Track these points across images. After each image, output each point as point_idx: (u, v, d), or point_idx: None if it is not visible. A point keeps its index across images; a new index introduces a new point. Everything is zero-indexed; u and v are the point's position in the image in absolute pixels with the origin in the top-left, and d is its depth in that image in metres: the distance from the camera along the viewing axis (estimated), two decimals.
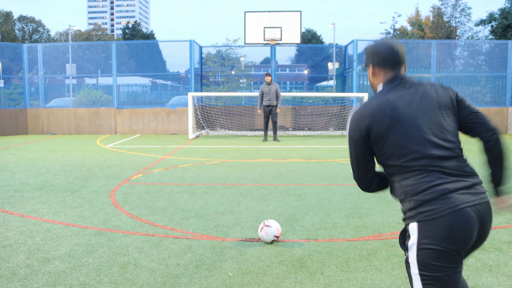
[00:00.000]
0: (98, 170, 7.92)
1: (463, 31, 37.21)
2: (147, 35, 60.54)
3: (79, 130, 15.74)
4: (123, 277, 3.27)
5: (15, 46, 16.46)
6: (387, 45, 2.05)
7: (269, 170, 7.85)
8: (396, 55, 2.02)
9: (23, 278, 3.25)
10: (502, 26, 30.49)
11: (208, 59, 18.39)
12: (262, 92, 12.49)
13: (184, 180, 6.94)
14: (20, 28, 61.13)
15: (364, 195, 5.86)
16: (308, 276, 3.29)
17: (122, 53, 16.35)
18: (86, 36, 64.26)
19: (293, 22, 15.79)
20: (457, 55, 17.49)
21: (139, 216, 4.87)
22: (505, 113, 15.57)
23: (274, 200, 5.58)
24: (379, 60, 2.04)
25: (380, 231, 4.31)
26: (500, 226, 4.48)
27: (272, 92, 12.40)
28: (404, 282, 3.17)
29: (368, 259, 3.60)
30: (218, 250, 3.82)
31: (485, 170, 2.00)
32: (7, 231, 4.38)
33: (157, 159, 9.26)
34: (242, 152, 10.43)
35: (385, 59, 2.02)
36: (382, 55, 2.03)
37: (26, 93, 16.02)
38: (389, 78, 2.02)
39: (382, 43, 2.07)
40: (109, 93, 16.33)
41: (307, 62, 18.16)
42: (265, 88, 12.51)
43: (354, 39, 15.49)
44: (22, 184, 6.67)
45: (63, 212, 5.05)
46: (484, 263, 3.50)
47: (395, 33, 38.32)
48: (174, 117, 15.51)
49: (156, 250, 3.81)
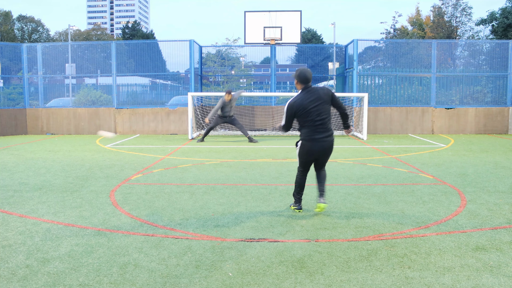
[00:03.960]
0: (98, 170, 7.91)
1: (464, 30, 37.20)
2: (146, 35, 60.55)
3: (79, 130, 15.73)
4: (123, 277, 3.26)
5: (15, 46, 16.45)
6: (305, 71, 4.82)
7: (269, 170, 7.84)
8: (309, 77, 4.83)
9: (22, 278, 3.24)
10: (503, 25, 30.48)
11: (208, 59, 18.38)
12: (222, 105, 12.52)
13: (184, 180, 6.93)
14: (19, 27, 61.12)
15: (364, 195, 5.85)
16: (308, 276, 3.28)
17: (122, 53, 16.33)
18: (85, 35, 64.23)
19: (293, 22, 15.78)
20: (458, 54, 17.48)
21: (139, 216, 4.86)
22: (506, 113, 15.56)
23: (274, 200, 5.57)
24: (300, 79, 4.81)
25: (380, 231, 4.30)
26: (501, 226, 4.47)
27: (231, 105, 12.66)
28: (405, 282, 3.16)
29: (368, 260, 3.59)
30: (218, 250, 3.81)
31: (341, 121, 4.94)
32: (6, 231, 4.37)
33: (157, 159, 9.25)
34: (242, 152, 10.42)
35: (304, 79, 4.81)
36: (301, 77, 4.80)
37: (26, 93, 16.01)
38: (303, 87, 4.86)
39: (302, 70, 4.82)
40: (109, 93, 16.32)
41: (307, 62, 18.14)
42: (226, 103, 12.56)
43: (354, 39, 15.47)
44: (22, 184, 6.66)
45: (63, 212, 5.04)
46: (485, 264, 3.49)
47: (396, 32, 38.31)
48: (174, 117, 15.50)
49: (156, 251, 3.80)
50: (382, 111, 15.46)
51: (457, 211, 5.04)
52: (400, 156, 9.57)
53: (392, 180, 6.85)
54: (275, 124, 15.53)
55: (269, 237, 4.14)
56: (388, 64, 16.56)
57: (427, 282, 3.17)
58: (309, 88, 4.76)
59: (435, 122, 15.48)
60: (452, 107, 15.52)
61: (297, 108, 4.70)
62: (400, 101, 15.77)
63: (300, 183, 5.06)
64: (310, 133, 4.74)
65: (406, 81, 15.88)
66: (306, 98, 4.70)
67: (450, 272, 3.33)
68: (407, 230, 4.36)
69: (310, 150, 4.80)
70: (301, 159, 4.97)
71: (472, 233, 4.26)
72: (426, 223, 4.57)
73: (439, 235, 4.20)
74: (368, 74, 16.08)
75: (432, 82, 15.62)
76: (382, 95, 15.94)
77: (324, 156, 4.89)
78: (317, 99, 4.69)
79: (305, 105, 4.67)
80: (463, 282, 3.16)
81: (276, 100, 16.30)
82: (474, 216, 4.82)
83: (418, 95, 15.85)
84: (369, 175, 7.30)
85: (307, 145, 4.79)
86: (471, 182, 6.74)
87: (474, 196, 5.77)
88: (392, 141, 12.85)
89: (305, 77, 4.73)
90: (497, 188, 6.30)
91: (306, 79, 4.74)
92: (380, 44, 17.85)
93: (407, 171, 7.65)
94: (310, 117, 4.68)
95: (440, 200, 5.58)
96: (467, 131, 15.54)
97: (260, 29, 15.67)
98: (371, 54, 17.57)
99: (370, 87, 15.88)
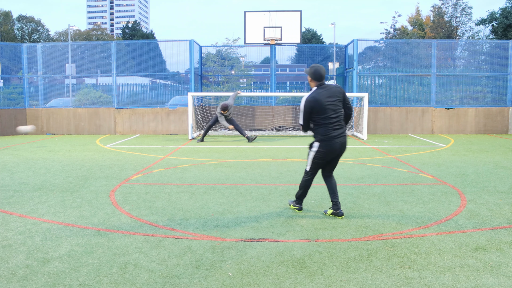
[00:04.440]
0: (98, 170, 7.91)
1: (464, 30, 37.21)
2: (146, 35, 60.56)
3: (79, 130, 15.73)
4: (123, 277, 3.26)
5: (15, 45, 16.44)
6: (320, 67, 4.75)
7: (269, 170, 7.84)
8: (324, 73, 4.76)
9: (22, 278, 3.24)
10: (503, 25, 30.48)
11: (208, 59, 18.37)
12: (223, 119, 12.72)
13: (184, 180, 6.93)
14: (19, 27, 61.12)
15: (364, 195, 5.85)
16: (308, 276, 3.28)
17: (122, 53, 16.33)
18: (85, 35, 64.24)
19: (293, 22, 15.77)
20: (458, 54, 17.47)
21: (139, 216, 4.86)
22: (506, 113, 15.56)
23: (274, 200, 5.57)
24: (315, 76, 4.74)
25: (380, 231, 4.30)
26: (501, 226, 4.47)
27: (231, 112, 12.94)
28: (405, 282, 3.16)
29: (368, 260, 3.58)
30: (218, 250, 3.81)
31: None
32: (6, 231, 4.37)
33: (157, 159, 9.25)
34: (242, 152, 10.42)
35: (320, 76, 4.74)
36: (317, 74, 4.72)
37: (26, 93, 16.01)
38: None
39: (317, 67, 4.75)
40: (109, 93, 16.31)
41: (307, 62, 18.14)
42: (226, 114, 12.76)
43: (354, 39, 15.47)
44: (22, 184, 6.66)
45: (63, 212, 5.04)
46: (485, 264, 3.49)
47: (395, 32, 38.30)
48: (174, 117, 15.50)
49: (156, 251, 3.80)
50: (382, 111, 15.45)
51: (457, 211, 5.04)
52: (400, 156, 9.57)
53: (392, 180, 6.85)
54: (275, 124, 15.53)
55: (269, 237, 4.13)
56: (388, 64, 16.56)
57: (427, 282, 3.17)
58: (324, 85, 4.70)
59: (435, 122, 15.48)
60: (452, 107, 15.52)
61: (315, 104, 4.59)
62: (400, 101, 15.77)
63: (307, 186, 4.95)
64: (327, 131, 4.62)
65: (406, 81, 15.88)
66: (322, 94, 4.63)
67: (450, 272, 3.33)
68: (407, 230, 4.35)
69: (330, 149, 4.65)
70: (315, 162, 4.78)
71: (472, 233, 4.26)
72: (426, 223, 4.57)
73: (439, 235, 4.20)
74: (368, 74, 16.08)
75: (432, 82, 15.62)
76: (382, 95, 15.93)
77: (340, 154, 4.77)
78: (332, 95, 4.65)
79: (322, 101, 4.59)
80: (463, 282, 3.16)
81: (276, 100, 16.29)
82: (474, 216, 4.82)
83: (418, 95, 15.85)
84: (369, 175, 7.30)
85: (326, 145, 4.64)
86: (471, 182, 6.74)
87: (474, 196, 5.77)
88: (392, 141, 12.85)
89: (320, 74, 4.68)
90: (497, 188, 6.30)
91: (321, 76, 4.68)
92: (380, 44, 17.85)
93: (407, 171, 7.65)
94: (326, 113, 4.60)
95: (440, 200, 5.58)
96: (467, 131, 15.54)
97: (260, 29, 15.67)
98: (371, 54, 17.57)
99: (370, 87, 15.87)
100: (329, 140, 4.63)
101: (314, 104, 4.60)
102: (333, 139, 4.63)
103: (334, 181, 4.90)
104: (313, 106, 4.60)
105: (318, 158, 4.74)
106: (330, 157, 4.74)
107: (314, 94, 4.64)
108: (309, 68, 4.78)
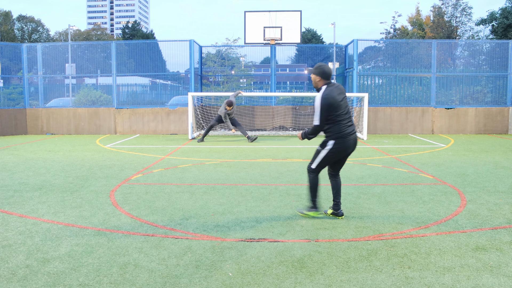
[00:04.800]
0: (98, 170, 7.91)
1: (464, 30, 37.21)
2: (146, 35, 60.55)
3: (79, 130, 15.73)
4: (123, 277, 3.26)
5: (14, 45, 16.44)
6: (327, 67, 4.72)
7: (269, 170, 7.84)
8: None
9: (22, 278, 3.24)
10: (503, 25, 30.48)
11: (208, 59, 18.37)
12: (226, 116, 12.82)
13: (184, 180, 6.93)
14: (19, 27, 61.12)
15: (364, 195, 5.85)
16: (308, 276, 3.28)
17: (122, 53, 16.33)
18: (85, 35, 64.23)
19: (293, 22, 15.77)
20: (458, 54, 17.47)
21: (139, 216, 4.86)
22: (506, 113, 15.56)
23: (274, 200, 5.57)
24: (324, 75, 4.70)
25: (380, 231, 4.30)
26: (501, 226, 4.47)
27: (234, 108, 13.05)
28: (405, 282, 3.16)
29: (368, 260, 3.59)
30: (218, 250, 3.81)
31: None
32: (6, 231, 4.37)
33: (157, 159, 9.25)
34: (242, 152, 10.42)
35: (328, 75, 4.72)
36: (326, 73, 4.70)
37: (26, 93, 16.01)
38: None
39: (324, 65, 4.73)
40: (109, 93, 16.31)
41: (307, 62, 18.14)
42: (229, 111, 12.87)
43: (354, 39, 15.47)
44: (22, 184, 6.66)
45: (63, 212, 5.04)
46: (485, 264, 3.49)
47: (395, 32, 38.30)
48: (174, 117, 15.50)
49: (156, 251, 3.80)
50: (382, 111, 15.46)
51: (457, 211, 5.04)
52: (400, 156, 9.57)
53: (392, 180, 6.85)
54: (275, 124, 15.53)
55: (269, 237, 4.13)
56: (388, 64, 16.56)
57: (427, 282, 3.17)
58: (331, 83, 4.69)
59: (435, 122, 15.48)
60: (452, 107, 15.52)
61: (332, 100, 4.52)
62: (400, 101, 15.77)
63: (316, 185, 4.80)
64: (342, 129, 4.58)
65: (406, 81, 15.88)
66: (334, 91, 4.59)
67: (450, 272, 3.33)
68: (407, 230, 4.35)
69: (345, 146, 4.62)
70: (326, 160, 4.70)
71: (472, 233, 4.26)
72: (426, 223, 4.57)
73: (439, 235, 4.20)
74: (368, 74, 16.08)
75: (432, 82, 15.62)
76: (382, 95, 15.94)
77: (351, 152, 4.76)
78: (341, 92, 4.67)
79: (336, 98, 4.57)
80: (463, 282, 3.16)
81: (276, 100, 16.30)
82: (474, 216, 4.82)
83: (418, 95, 15.85)
84: (369, 175, 7.30)
85: (341, 142, 4.59)
86: (471, 182, 6.74)
87: (474, 196, 5.77)
88: (392, 141, 12.85)
89: (329, 73, 4.70)
90: (497, 188, 6.30)
91: (329, 75, 4.71)
92: (380, 44, 17.85)
93: (407, 171, 7.65)
94: (340, 110, 4.58)
95: (440, 200, 5.58)
96: (467, 131, 15.54)
97: (260, 29, 15.67)
98: (371, 54, 17.57)
99: (370, 87, 15.88)
100: (343, 137, 4.59)
101: (331, 101, 4.52)
102: (347, 136, 4.61)
103: (339, 180, 4.89)
104: (330, 103, 4.52)
105: (331, 156, 4.68)
106: (343, 154, 4.71)
107: (328, 91, 4.57)
108: (314, 68, 4.74)
